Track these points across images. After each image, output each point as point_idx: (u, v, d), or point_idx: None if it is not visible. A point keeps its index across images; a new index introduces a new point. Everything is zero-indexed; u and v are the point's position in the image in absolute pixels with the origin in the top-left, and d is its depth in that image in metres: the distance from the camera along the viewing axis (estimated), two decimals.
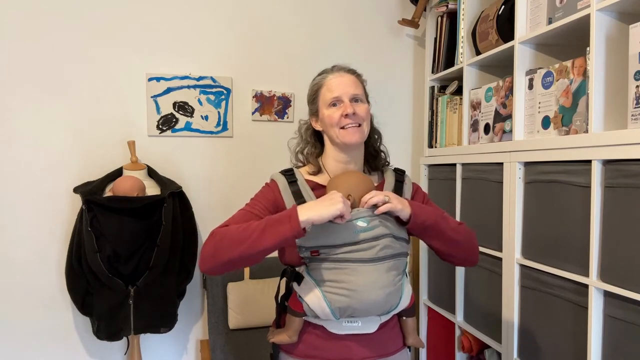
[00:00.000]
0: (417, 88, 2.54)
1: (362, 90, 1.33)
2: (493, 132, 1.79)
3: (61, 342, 2.11)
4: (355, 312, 1.21)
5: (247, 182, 2.30)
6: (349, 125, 1.26)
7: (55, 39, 2.04)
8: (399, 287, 1.24)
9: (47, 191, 2.06)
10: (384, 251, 1.21)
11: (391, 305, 1.24)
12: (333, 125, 1.28)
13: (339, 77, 1.30)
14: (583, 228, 1.33)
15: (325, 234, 1.21)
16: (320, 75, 1.35)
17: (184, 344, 2.27)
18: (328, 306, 1.20)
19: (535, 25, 1.57)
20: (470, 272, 1.92)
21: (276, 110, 2.32)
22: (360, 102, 1.30)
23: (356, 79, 1.33)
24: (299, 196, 1.28)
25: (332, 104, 1.28)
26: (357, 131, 1.27)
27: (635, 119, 1.20)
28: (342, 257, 1.19)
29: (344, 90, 1.28)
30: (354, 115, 1.26)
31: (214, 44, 2.24)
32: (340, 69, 1.33)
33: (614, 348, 1.25)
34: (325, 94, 1.30)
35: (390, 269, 1.22)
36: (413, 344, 1.40)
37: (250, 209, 1.27)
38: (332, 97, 1.28)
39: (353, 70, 1.35)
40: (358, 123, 1.27)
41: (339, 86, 1.29)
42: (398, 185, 1.37)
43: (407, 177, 1.41)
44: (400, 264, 1.26)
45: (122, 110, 2.14)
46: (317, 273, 1.22)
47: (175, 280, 1.98)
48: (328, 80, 1.31)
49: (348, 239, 1.20)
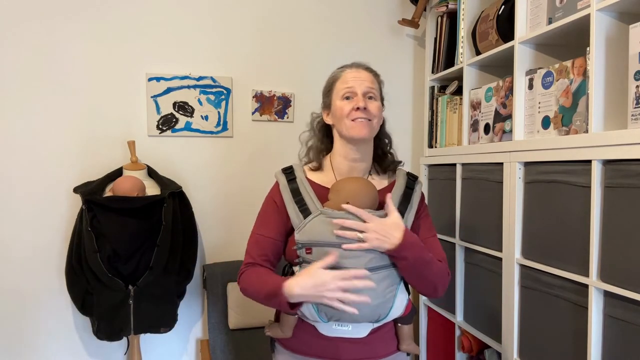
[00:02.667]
0: (417, 88, 2.54)
1: (378, 89, 1.33)
2: (493, 132, 1.79)
3: (61, 342, 2.11)
4: (342, 318, 1.21)
5: (247, 182, 2.30)
6: (359, 118, 1.26)
7: (55, 38, 2.04)
8: (389, 298, 1.22)
9: (47, 191, 2.06)
10: (374, 262, 1.20)
11: (379, 315, 1.23)
12: (343, 117, 1.27)
13: (356, 72, 1.31)
14: (583, 228, 1.33)
15: (318, 232, 1.22)
16: (339, 68, 1.36)
17: (184, 344, 2.27)
18: (315, 311, 1.21)
19: (535, 25, 1.57)
20: (470, 272, 1.92)
21: (276, 110, 2.32)
22: (374, 99, 1.30)
23: (373, 77, 1.33)
24: (297, 194, 1.28)
25: (346, 97, 1.28)
26: (367, 125, 1.27)
27: (635, 119, 1.20)
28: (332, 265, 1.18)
29: (358, 84, 1.28)
30: (365, 110, 1.26)
31: (214, 44, 2.24)
32: (359, 65, 1.34)
33: (614, 348, 1.25)
34: (339, 86, 1.31)
35: (382, 280, 1.21)
36: (407, 350, 1.38)
37: (263, 233, 1.31)
38: (346, 87, 1.28)
39: (371, 69, 1.35)
40: (368, 118, 1.27)
41: (354, 79, 1.29)
42: (407, 192, 1.34)
43: (418, 184, 1.38)
44: (394, 274, 1.24)
45: (122, 110, 2.14)
46: None
47: (175, 280, 1.97)
48: (345, 73, 1.32)
49: (337, 239, 1.20)
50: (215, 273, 2.14)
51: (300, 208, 1.26)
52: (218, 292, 2.12)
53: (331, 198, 1.27)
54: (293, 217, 1.26)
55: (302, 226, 1.24)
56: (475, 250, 1.86)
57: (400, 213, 1.26)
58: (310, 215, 1.24)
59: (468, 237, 1.92)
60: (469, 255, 1.93)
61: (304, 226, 1.23)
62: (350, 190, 1.25)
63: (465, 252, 1.96)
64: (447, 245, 2.05)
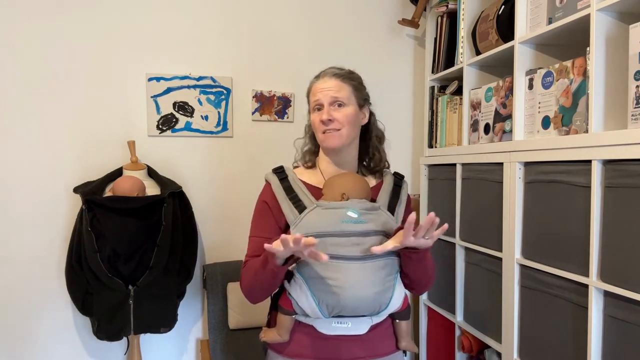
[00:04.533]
0: (417, 88, 2.54)
1: (347, 94, 1.32)
2: (493, 132, 1.79)
3: (61, 342, 2.11)
4: (343, 310, 1.22)
5: (247, 182, 2.30)
6: (327, 130, 1.30)
7: (55, 39, 2.04)
8: (388, 287, 1.24)
9: (47, 191, 2.06)
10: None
11: (380, 305, 1.24)
12: (316, 130, 1.34)
13: (323, 83, 1.33)
14: (583, 228, 1.33)
15: (316, 224, 1.23)
16: (314, 78, 1.38)
17: (184, 344, 2.27)
18: (315, 303, 1.21)
19: (535, 25, 1.57)
20: (470, 272, 1.92)
21: (276, 110, 2.32)
22: (343, 107, 1.31)
23: (341, 83, 1.32)
24: (290, 191, 1.31)
25: (317, 109, 1.33)
26: (336, 136, 1.30)
27: (635, 119, 1.20)
28: (330, 253, 1.19)
29: (323, 95, 1.31)
30: (329, 121, 1.29)
31: (214, 44, 2.24)
32: (326, 74, 1.35)
33: (614, 348, 1.25)
34: (311, 98, 1.36)
35: (381, 268, 1.23)
36: (406, 348, 1.39)
37: (259, 234, 1.32)
38: (314, 100, 1.34)
39: (340, 74, 1.34)
40: (337, 128, 1.30)
41: (320, 92, 1.32)
42: (396, 189, 1.39)
43: (404, 182, 1.44)
44: (393, 264, 1.26)
45: (122, 110, 2.14)
46: (306, 270, 1.23)
47: (175, 280, 1.97)
48: (314, 85, 1.35)
49: (335, 227, 1.22)
50: (215, 273, 2.14)
51: (294, 204, 1.28)
52: (218, 292, 2.12)
53: (325, 193, 1.30)
54: (288, 213, 1.28)
55: (298, 221, 1.25)
56: (475, 250, 1.86)
57: (392, 207, 1.33)
58: (306, 210, 1.26)
59: (468, 237, 1.92)
60: (469, 255, 1.93)
61: (300, 221, 1.25)
62: (344, 183, 1.29)
63: (465, 252, 1.96)
64: (447, 245, 2.05)
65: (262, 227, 1.33)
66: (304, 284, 1.22)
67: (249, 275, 1.28)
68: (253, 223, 1.36)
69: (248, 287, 1.29)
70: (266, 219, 1.33)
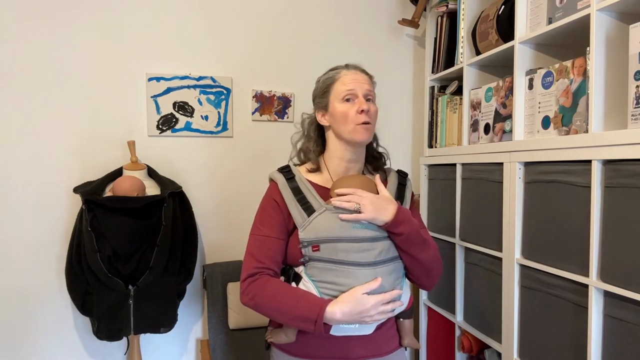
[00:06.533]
0: (417, 88, 2.54)
1: (374, 92, 1.34)
2: (493, 132, 1.79)
3: (61, 342, 2.11)
4: None
5: (247, 182, 2.30)
6: (366, 122, 1.26)
7: (55, 39, 2.04)
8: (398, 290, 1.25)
9: (47, 191, 2.06)
10: (382, 255, 1.22)
11: None
12: (347, 121, 1.27)
13: (354, 74, 1.31)
14: (583, 228, 1.33)
15: (326, 228, 1.21)
16: (333, 70, 1.35)
17: (184, 344, 2.27)
18: None
19: (535, 25, 1.57)
20: (470, 272, 1.92)
21: (276, 110, 2.32)
22: (372, 102, 1.31)
23: (369, 80, 1.34)
24: (298, 192, 1.28)
25: (346, 99, 1.28)
26: (369, 130, 1.28)
27: (635, 119, 1.20)
28: (340, 259, 1.19)
29: (359, 86, 1.28)
30: (368, 113, 1.27)
31: (214, 44, 2.24)
32: (356, 67, 1.34)
33: (614, 348, 1.25)
34: (339, 87, 1.29)
35: (390, 273, 1.23)
36: (409, 345, 1.41)
37: (267, 233, 1.27)
38: (347, 89, 1.27)
39: (366, 72, 1.36)
40: (369, 122, 1.28)
41: (354, 82, 1.29)
42: (401, 188, 1.38)
43: (408, 180, 1.42)
44: (399, 266, 1.27)
45: (122, 110, 2.14)
46: (315, 274, 1.22)
47: (175, 280, 1.97)
48: (343, 75, 1.31)
49: (345, 233, 1.20)
50: (215, 273, 2.14)
51: (303, 206, 1.25)
52: (218, 292, 2.12)
53: (333, 195, 1.28)
54: (295, 215, 1.25)
55: (306, 224, 1.23)
56: (475, 250, 1.86)
57: None
58: (315, 212, 1.24)
59: (468, 237, 1.92)
60: (469, 255, 1.93)
61: (309, 224, 1.23)
62: (352, 185, 1.27)
63: (465, 252, 1.96)
64: (447, 245, 2.05)
65: (271, 225, 1.27)
66: (314, 287, 1.21)
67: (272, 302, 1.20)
68: (257, 220, 1.30)
69: (262, 310, 1.24)
70: (275, 217, 1.28)
